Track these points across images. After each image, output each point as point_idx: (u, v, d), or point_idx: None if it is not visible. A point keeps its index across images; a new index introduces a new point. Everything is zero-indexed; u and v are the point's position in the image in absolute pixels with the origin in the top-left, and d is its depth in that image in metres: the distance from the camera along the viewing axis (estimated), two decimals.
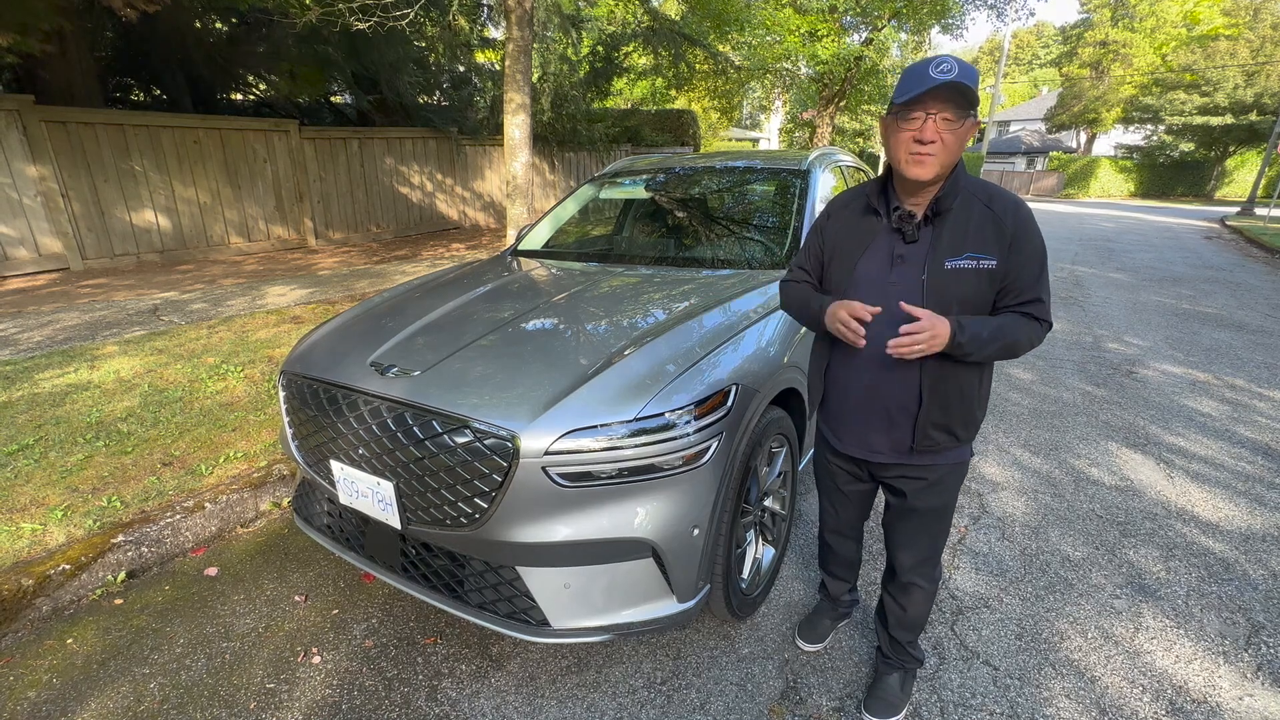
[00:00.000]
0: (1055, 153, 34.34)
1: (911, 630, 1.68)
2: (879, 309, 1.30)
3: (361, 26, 5.52)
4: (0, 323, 4.92)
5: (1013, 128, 42.72)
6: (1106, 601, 2.15)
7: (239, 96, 11.07)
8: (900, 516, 1.57)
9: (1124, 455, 3.23)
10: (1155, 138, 30.25)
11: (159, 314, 5.35)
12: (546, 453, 1.48)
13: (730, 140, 35.38)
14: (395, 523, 1.69)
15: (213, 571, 2.35)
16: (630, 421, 1.52)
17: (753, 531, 2.07)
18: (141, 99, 9.87)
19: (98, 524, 2.40)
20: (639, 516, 1.54)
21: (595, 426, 1.51)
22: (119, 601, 2.19)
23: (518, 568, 1.60)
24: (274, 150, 8.55)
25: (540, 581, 1.58)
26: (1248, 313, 6.37)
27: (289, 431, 2.03)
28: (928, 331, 1.23)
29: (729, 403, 1.67)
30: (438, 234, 11.05)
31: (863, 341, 1.30)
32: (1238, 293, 7.39)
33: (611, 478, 1.52)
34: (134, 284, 6.51)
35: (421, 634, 2.02)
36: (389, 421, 1.67)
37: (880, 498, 1.68)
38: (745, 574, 2.02)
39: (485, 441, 1.53)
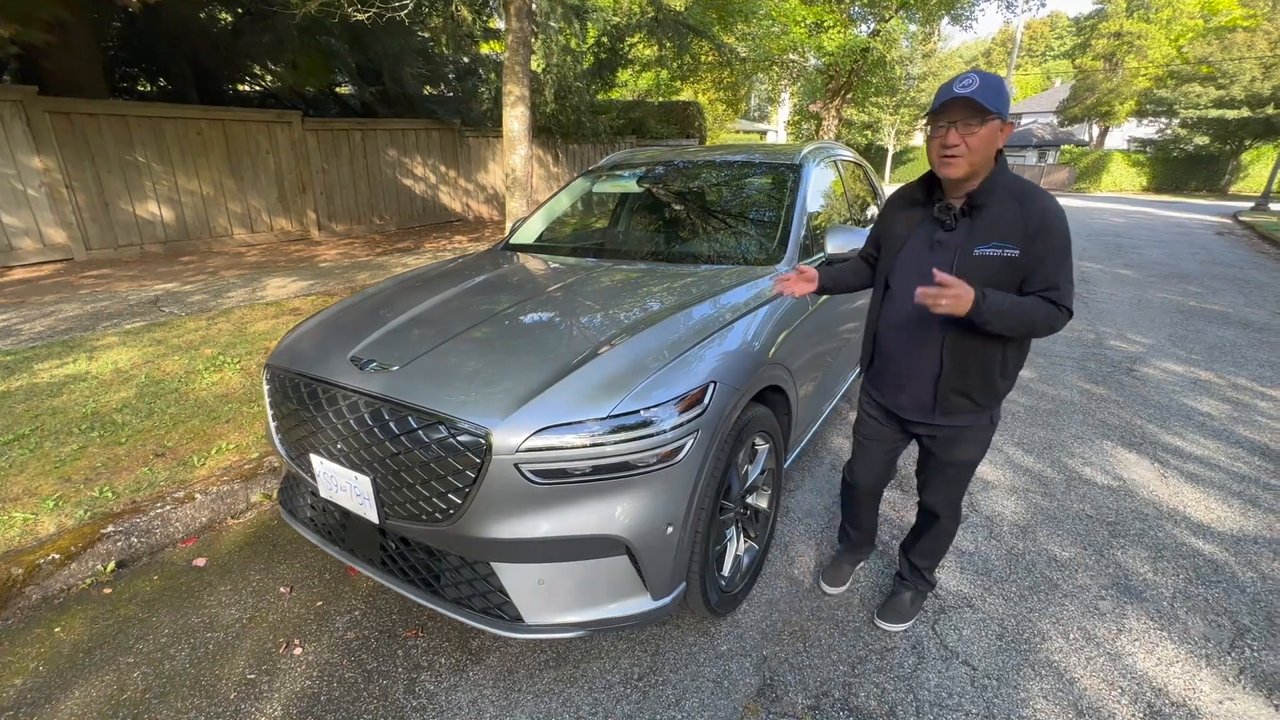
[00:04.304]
0: (1067, 146, 33.90)
1: (928, 558, 1.98)
2: (804, 269, 1.83)
3: (360, 17, 5.51)
4: (2, 313, 4.97)
5: (1024, 120, 42.16)
6: (1091, 602, 2.13)
7: (245, 88, 11.09)
8: (927, 464, 1.85)
9: (1119, 454, 3.20)
10: (1169, 131, 29.78)
11: (160, 305, 5.39)
12: (519, 450, 1.48)
13: (738, 133, 35.13)
14: (373, 517, 1.70)
15: (201, 562, 2.37)
16: (604, 419, 1.52)
17: (734, 528, 2.07)
18: (149, 90, 9.89)
19: (89, 514, 2.43)
20: (612, 514, 1.54)
21: (568, 424, 1.50)
22: (108, 591, 2.21)
23: (492, 563, 1.60)
24: (276, 142, 8.56)
25: (514, 577, 1.59)
26: (1255, 310, 6.29)
27: (273, 425, 2.04)
28: (953, 290, 1.39)
29: (706, 400, 1.66)
30: (441, 226, 11.06)
31: (797, 286, 1.84)
32: (1246, 290, 7.29)
33: (585, 475, 1.52)
34: (136, 275, 6.56)
35: (404, 626, 2.03)
36: (366, 416, 1.67)
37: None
38: (726, 571, 2.02)
39: (459, 438, 1.53)
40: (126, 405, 3.33)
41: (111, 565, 2.32)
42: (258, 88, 11.22)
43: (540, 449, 1.49)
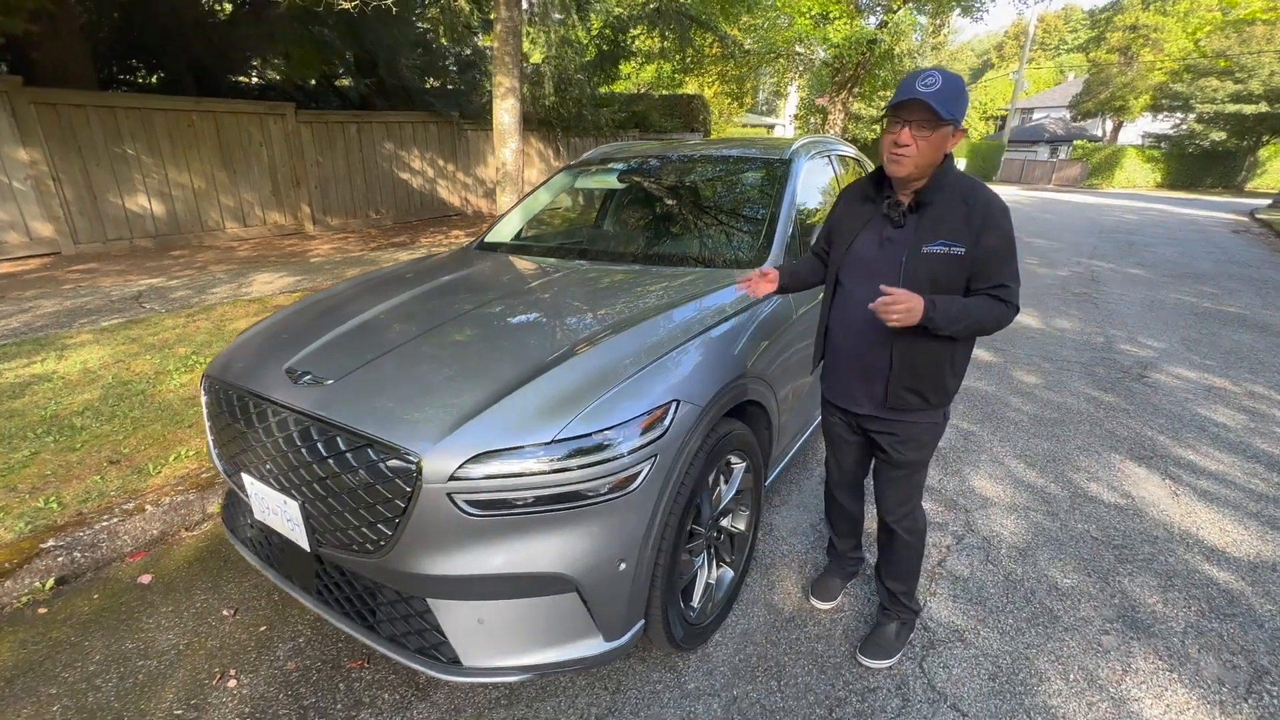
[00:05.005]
0: (1080, 141, 33.36)
1: (902, 582, 1.88)
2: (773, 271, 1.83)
3: (346, 6, 5.35)
4: None
5: (1036, 115, 41.58)
6: (1094, 638, 1.96)
7: (245, 80, 10.94)
8: (880, 468, 1.82)
9: (1128, 469, 3.01)
10: (1185, 126, 29.18)
11: (141, 301, 5.27)
12: (451, 478, 1.33)
13: (744, 127, 34.78)
14: (304, 544, 1.56)
15: (146, 579, 2.24)
16: (548, 443, 1.36)
17: (705, 554, 1.91)
18: (152, 82, 9.74)
19: (29, 527, 2.30)
20: (557, 549, 1.38)
21: (507, 450, 1.35)
22: (43, 611, 2.08)
23: (428, 599, 1.46)
24: (269, 134, 8.43)
25: (451, 615, 1.44)
26: (1273, 312, 6.05)
27: (210, 439, 1.90)
28: (904, 303, 1.41)
29: (667, 420, 1.51)
30: (438, 220, 10.92)
31: (760, 286, 1.84)
32: (1263, 291, 7.04)
33: (528, 506, 1.37)
34: (123, 269, 6.45)
35: (349, 656, 1.89)
36: (295, 435, 1.53)
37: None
38: (695, 600, 1.87)
39: (387, 463, 1.38)
40: (88, 408, 3.20)
41: (50, 582, 2.18)
42: (257, 80, 11.09)
43: (475, 477, 1.33)
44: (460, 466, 1.33)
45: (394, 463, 1.37)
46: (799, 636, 1.97)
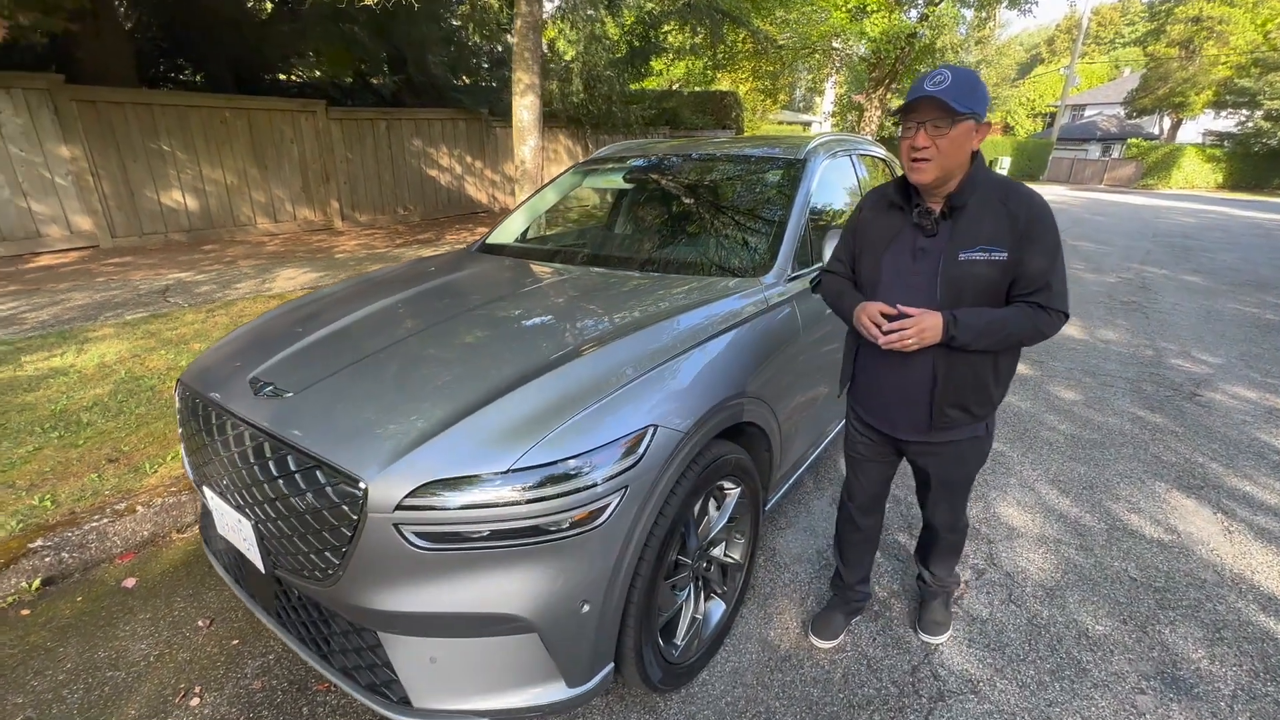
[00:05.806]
0: (1134, 139, 31.79)
1: (945, 567, 1.92)
2: (894, 310, 1.42)
3: (369, 2, 5.33)
4: (13, 300, 5.01)
5: (1088, 112, 39.86)
6: (1127, 697, 1.76)
7: (284, 77, 11.15)
8: (925, 487, 1.77)
9: (1174, 500, 2.75)
10: (1251, 124, 27.52)
11: (167, 295, 5.36)
12: (398, 507, 1.22)
13: (779, 124, 34.22)
14: (259, 565, 1.48)
15: (131, 583, 2.21)
16: (505, 473, 1.24)
17: (691, 587, 1.77)
18: (196, 80, 9.98)
19: (21, 525, 2.30)
20: (512, 588, 1.26)
21: (460, 478, 1.23)
22: (25, 613, 2.07)
23: (380, 633, 1.35)
24: (301, 131, 8.55)
25: (402, 652, 1.34)
26: None
27: (182, 447, 1.84)
28: (915, 325, 1.37)
29: (642, 448, 1.37)
30: (465, 217, 10.96)
31: (880, 337, 1.42)
32: None
33: (483, 539, 1.25)
34: (156, 263, 6.61)
35: (316, 678, 1.81)
36: (249, 451, 1.44)
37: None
38: (679, 638, 1.73)
39: (335, 487, 1.28)
40: (97, 403, 3.23)
41: (36, 583, 2.17)
42: (295, 78, 11.29)
43: (424, 507, 1.22)
44: (408, 495, 1.22)
45: (342, 487, 1.27)
46: (793, 679, 1.82)
